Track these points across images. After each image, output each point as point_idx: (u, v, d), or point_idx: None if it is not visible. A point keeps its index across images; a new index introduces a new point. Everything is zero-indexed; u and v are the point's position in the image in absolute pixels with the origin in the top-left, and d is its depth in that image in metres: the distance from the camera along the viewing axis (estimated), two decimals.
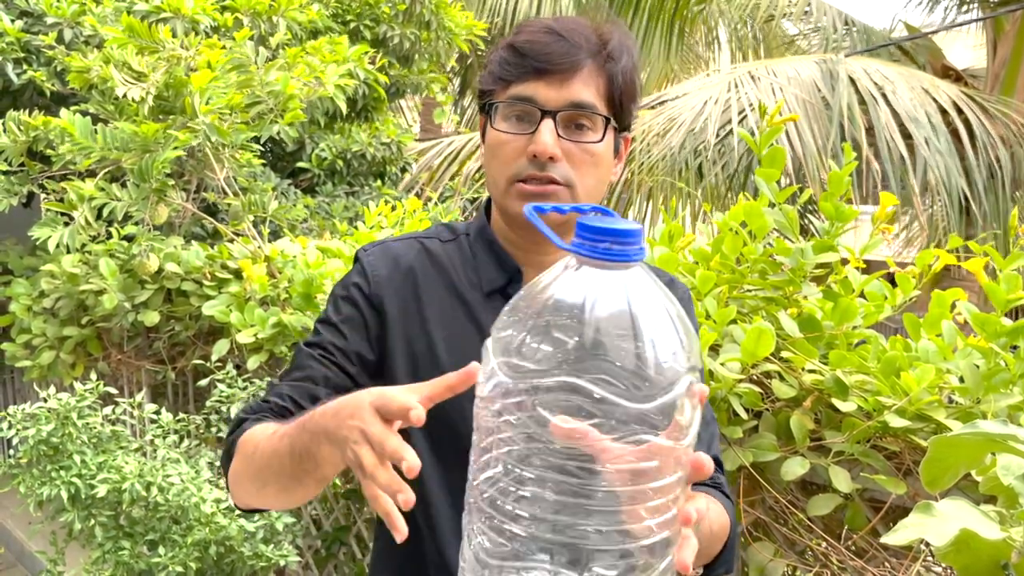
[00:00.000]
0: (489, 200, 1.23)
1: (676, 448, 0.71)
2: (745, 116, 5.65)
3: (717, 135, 5.65)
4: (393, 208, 3.43)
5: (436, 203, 4.53)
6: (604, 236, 0.69)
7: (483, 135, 1.17)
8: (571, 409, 0.67)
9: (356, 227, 3.40)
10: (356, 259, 1.23)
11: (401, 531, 0.77)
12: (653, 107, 6.29)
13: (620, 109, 1.13)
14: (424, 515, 1.14)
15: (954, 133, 5.65)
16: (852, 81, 5.74)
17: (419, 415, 0.77)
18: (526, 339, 0.69)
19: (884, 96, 5.62)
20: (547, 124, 1.07)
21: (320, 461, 0.90)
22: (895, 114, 5.55)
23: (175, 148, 2.92)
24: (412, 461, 0.74)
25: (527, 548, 0.70)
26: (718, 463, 1.22)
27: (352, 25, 4.93)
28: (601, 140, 1.10)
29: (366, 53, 4.12)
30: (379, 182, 4.95)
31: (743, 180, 5.95)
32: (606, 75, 1.10)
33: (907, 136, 5.53)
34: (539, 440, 0.68)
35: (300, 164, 4.71)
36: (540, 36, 1.09)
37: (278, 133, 3.39)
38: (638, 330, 0.68)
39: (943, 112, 5.68)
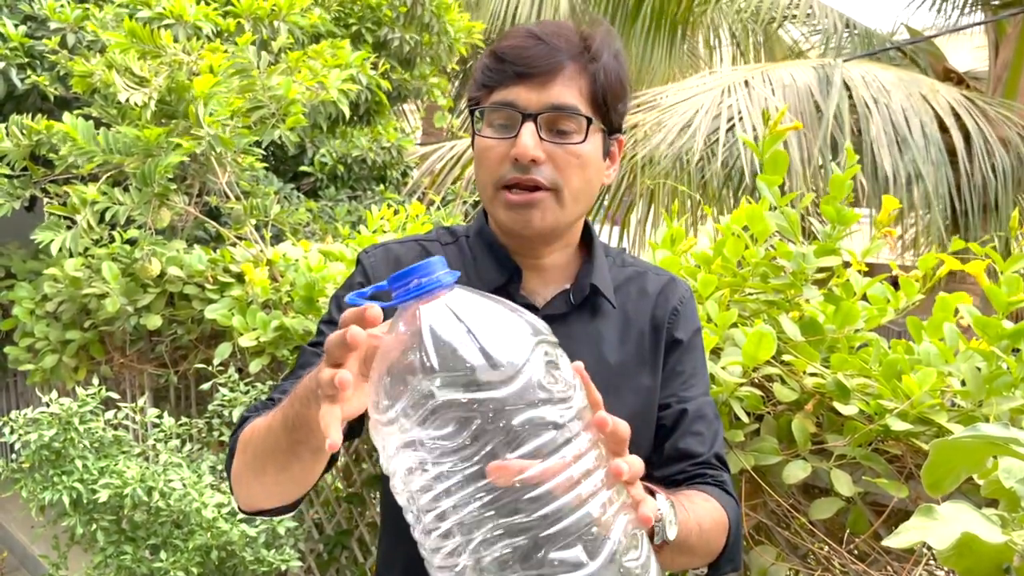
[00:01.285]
0: None
1: (565, 411, 0.76)
2: (732, 125, 5.64)
3: (707, 140, 5.65)
4: (396, 212, 3.43)
5: (439, 207, 4.54)
6: (410, 276, 0.77)
7: (472, 142, 1.18)
8: (455, 420, 0.72)
9: (358, 231, 3.41)
10: (358, 261, 1.24)
11: (333, 440, 0.76)
12: (644, 105, 6.28)
13: (605, 108, 1.13)
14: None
15: (951, 140, 5.64)
16: (847, 88, 5.73)
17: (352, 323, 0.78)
18: (417, 400, 0.73)
19: (878, 108, 5.61)
20: (528, 127, 1.08)
21: (313, 425, 0.89)
22: (886, 129, 5.53)
23: (177, 151, 2.93)
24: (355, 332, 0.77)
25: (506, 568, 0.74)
26: (722, 461, 1.22)
27: (354, 28, 4.94)
28: (584, 141, 1.10)
29: (367, 59, 4.12)
30: (381, 186, 4.96)
31: (737, 186, 5.94)
32: (588, 75, 1.10)
33: (891, 154, 5.51)
34: (458, 470, 0.73)
35: (302, 168, 4.72)
36: (521, 41, 1.10)
37: (280, 137, 3.40)
38: (475, 333, 0.74)
39: (940, 119, 5.67)
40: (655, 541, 0.94)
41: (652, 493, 0.94)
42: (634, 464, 0.80)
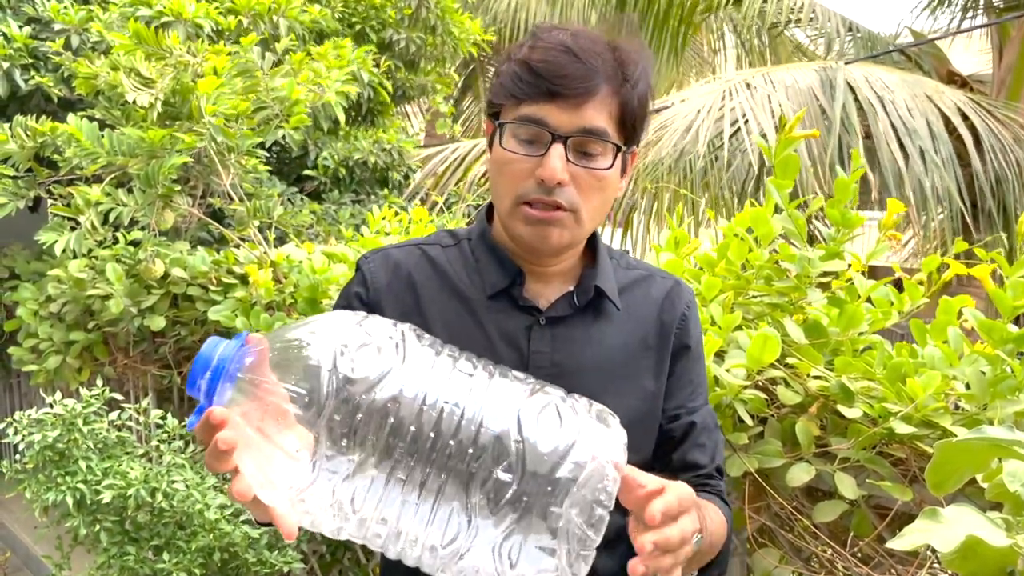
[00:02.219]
0: (490, 204, 1.23)
1: (406, 372, 0.82)
2: (738, 128, 5.63)
3: (710, 143, 5.65)
4: (397, 213, 3.43)
5: (442, 210, 4.53)
6: (196, 379, 0.80)
7: (490, 143, 1.16)
8: (345, 429, 0.78)
9: (361, 233, 3.41)
10: (357, 267, 1.23)
11: (289, 531, 0.80)
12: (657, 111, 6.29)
13: (631, 131, 1.11)
14: None
15: (960, 139, 5.62)
16: (852, 89, 5.72)
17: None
18: (330, 431, 0.79)
19: (883, 105, 5.60)
20: (557, 149, 1.05)
21: None
22: (893, 125, 5.52)
23: (181, 152, 2.93)
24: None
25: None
26: (721, 472, 1.23)
27: (358, 28, 4.94)
28: (611, 167, 1.09)
29: (368, 51, 4.11)
30: (385, 190, 4.95)
31: (740, 189, 5.94)
32: (620, 99, 1.08)
33: (903, 147, 5.50)
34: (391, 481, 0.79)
35: (306, 172, 4.72)
36: (556, 56, 1.06)
37: (283, 137, 3.40)
38: (284, 368, 0.80)
39: (947, 119, 5.66)
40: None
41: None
42: (655, 507, 0.85)
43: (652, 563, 0.84)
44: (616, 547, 1.19)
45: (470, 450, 0.78)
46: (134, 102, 2.97)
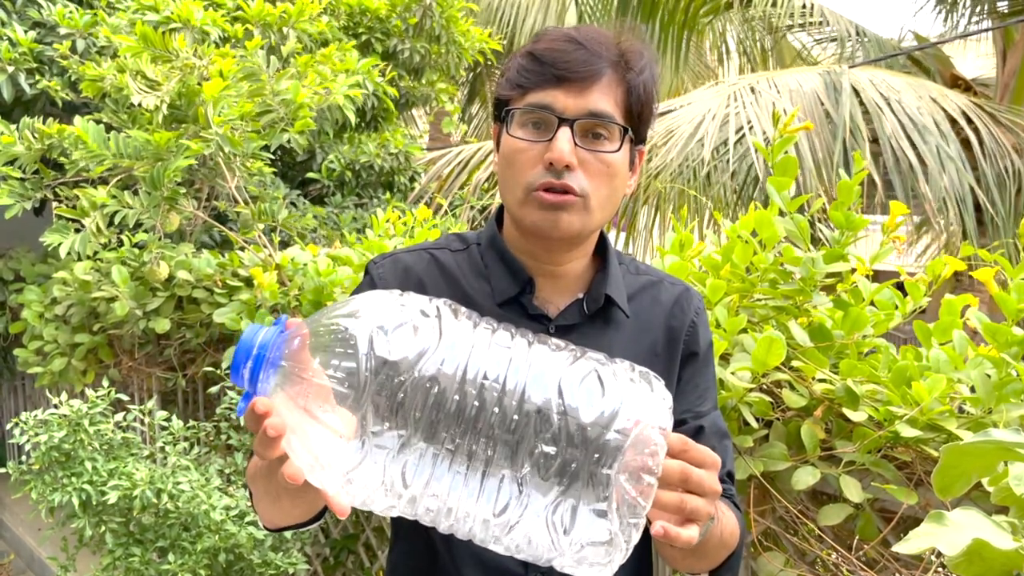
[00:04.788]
0: (500, 209, 1.22)
1: (437, 341, 0.83)
2: (743, 132, 5.63)
3: (715, 146, 5.65)
4: (402, 215, 3.44)
5: (446, 212, 4.53)
6: (239, 366, 0.81)
7: (497, 143, 1.15)
8: (387, 402, 0.79)
9: (365, 235, 3.41)
10: (366, 271, 1.22)
11: (342, 508, 0.81)
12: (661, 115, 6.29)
13: (637, 121, 1.11)
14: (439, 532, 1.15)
15: (964, 142, 5.61)
16: (856, 92, 5.71)
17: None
18: (374, 407, 0.79)
19: (890, 105, 5.59)
20: (564, 132, 1.06)
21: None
22: (902, 124, 5.52)
23: (187, 157, 2.94)
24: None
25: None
26: (732, 477, 1.22)
27: (364, 38, 4.96)
28: (618, 150, 1.09)
29: (375, 66, 4.14)
30: (388, 194, 4.96)
31: (751, 192, 5.94)
32: (625, 86, 1.09)
33: (914, 145, 5.49)
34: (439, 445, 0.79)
35: (310, 175, 4.73)
36: (560, 44, 1.08)
37: (288, 141, 3.40)
38: (330, 349, 0.80)
39: (952, 121, 5.65)
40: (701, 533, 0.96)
41: None
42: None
43: (668, 517, 0.85)
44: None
45: (514, 421, 0.78)
46: (140, 104, 2.98)
